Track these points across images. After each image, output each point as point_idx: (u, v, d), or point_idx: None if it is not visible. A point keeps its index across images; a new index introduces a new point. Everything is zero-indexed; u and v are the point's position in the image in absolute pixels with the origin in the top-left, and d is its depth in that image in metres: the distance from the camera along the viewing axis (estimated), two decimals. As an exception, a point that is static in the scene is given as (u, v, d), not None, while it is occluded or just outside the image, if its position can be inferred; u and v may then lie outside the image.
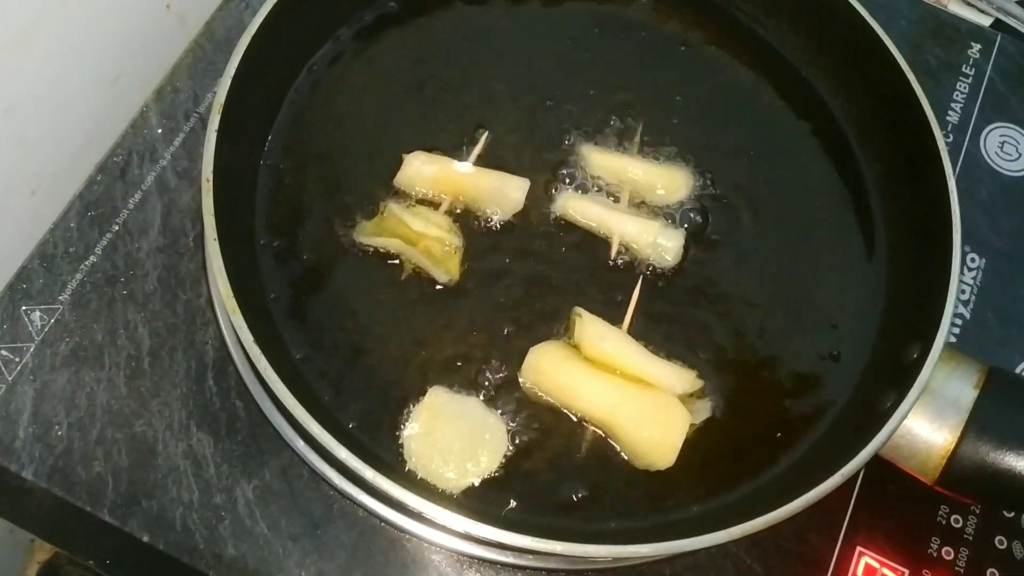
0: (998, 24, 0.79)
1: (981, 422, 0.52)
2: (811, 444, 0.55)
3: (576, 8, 0.69)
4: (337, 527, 0.54)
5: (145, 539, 0.53)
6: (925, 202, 0.59)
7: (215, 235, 0.50)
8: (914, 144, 0.59)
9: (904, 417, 0.51)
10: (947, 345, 0.56)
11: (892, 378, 0.54)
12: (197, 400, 0.56)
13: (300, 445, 0.54)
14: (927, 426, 0.52)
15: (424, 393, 0.54)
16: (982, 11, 0.83)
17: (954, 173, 0.67)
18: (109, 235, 0.60)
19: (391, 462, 0.52)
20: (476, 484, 0.52)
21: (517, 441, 0.54)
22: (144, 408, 0.56)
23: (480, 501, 0.52)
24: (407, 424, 0.53)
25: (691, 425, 0.54)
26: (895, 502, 0.58)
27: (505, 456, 0.53)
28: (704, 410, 0.55)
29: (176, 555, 0.53)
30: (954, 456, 0.52)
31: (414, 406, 0.53)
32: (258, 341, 0.49)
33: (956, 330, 0.63)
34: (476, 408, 0.53)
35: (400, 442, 0.53)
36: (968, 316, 0.64)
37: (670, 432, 0.53)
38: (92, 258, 0.59)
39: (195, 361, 0.57)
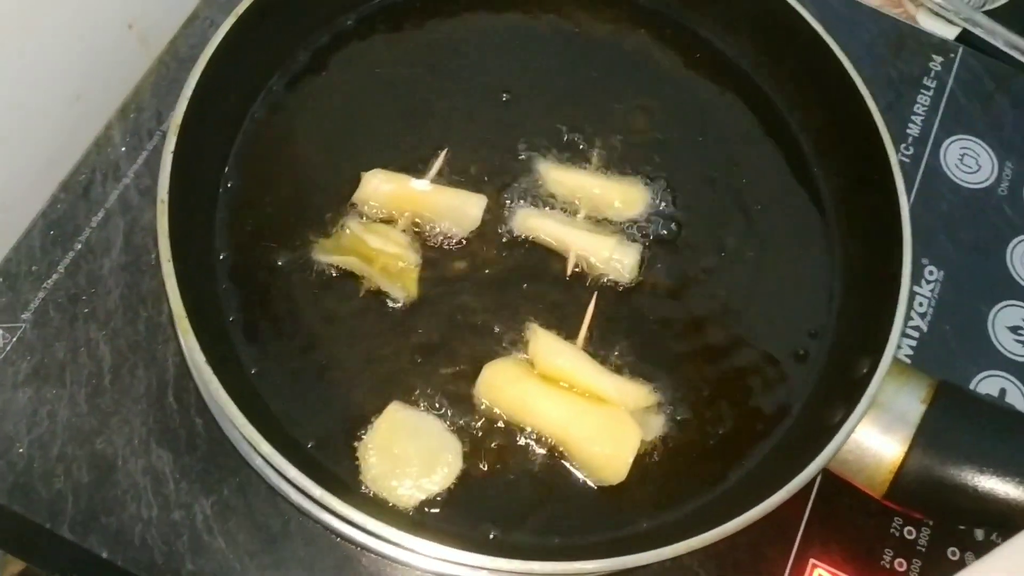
0: (963, 37, 0.80)
1: (928, 436, 0.53)
2: (762, 459, 0.56)
3: (537, 25, 0.69)
4: (294, 543, 0.55)
5: (104, 555, 0.53)
6: (879, 217, 0.59)
7: (169, 255, 0.51)
8: (868, 159, 0.60)
9: (851, 432, 0.52)
10: (897, 360, 0.57)
11: (843, 393, 0.55)
12: (157, 417, 0.57)
13: (258, 462, 0.55)
14: (875, 441, 0.53)
15: (381, 410, 0.54)
16: (950, 21, 0.83)
17: (914, 186, 0.69)
18: (72, 253, 0.60)
19: (346, 479, 0.53)
20: (430, 500, 0.53)
21: (472, 457, 0.54)
22: (105, 425, 0.56)
23: (434, 518, 0.52)
24: (363, 441, 0.54)
25: (643, 440, 0.54)
26: (849, 514, 0.59)
27: (459, 473, 0.53)
28: (657, 425, 0.55)
29: (135, 571, 0.53)
30: (901, 471, 0.52)
31: (371, 423, 0.54)
32: (211, 360, 0.49)
33: (913, 343, 0.64)
34: (432, 425, 0.54)
35: (356, 459, 0.53)
36: (925, 329, 0.65)
37: (621, 448, 0.53)
38: (55, 276, 0.60)
39: (156, 378, 0.58)
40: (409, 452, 0.53)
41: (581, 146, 0.64)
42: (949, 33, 0.81)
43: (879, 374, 0.53)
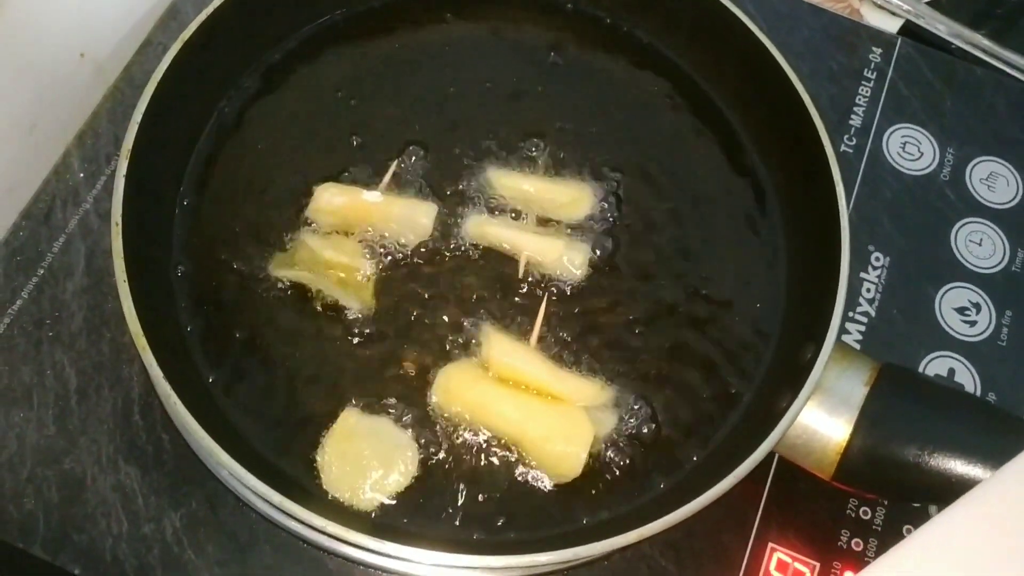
0: (906, 30, 0.81)
1: (872, 418, 0.54)
2: (714, 447, 0.58)
3: (479, 35, 0.71)
4: (262, 550, 0.56)
5: (76, 572, 0.55)
6: (819, 208, 0.61)
7: (124, 276, 0.52)
8: (806, 152, 0.62)
9: (796, 417, 0.53)
10: (842, 345, 0.58)
11: (789, 379, 0.56)
12: (124, 435, 0.58)
13: (224, 474, 0.56)
14: (822, 424, 0.54)
15: (337, 417, 0.56)
16: (893, 14, 0.85)
17: (858, 175, 0.70)
18: (35, 279, 0.62)
19: (307, 485, 0.54)
20: (388, 502, 0.54)
21: (429, 460, 0.56)
22: (73, 445, 0.57)
23: (393, 519, 0.54)
24: (320, 447, 0.55)
25: (597, 436, 0.56)
26: (805, 498, 0.60)
27: (416, 475, 0.55)
28: (610, 421, 0.57)
29: (107, 586, 0.55)
30: (847, 452, 0.54)
31: (328, 429, 0.56)
32: (170, 376, 0.51)
33: (862, 328, 0.66)
34: (387, 428, 0.55)
35: (315, 465, 0.55)
36: (873, 314, 0.66)
37: (575, 445, 0.55)
38: (19, 302, 0.61)
39: (121, 397, 0.59)
40: (365, 456, 0.54)
41: (527, 151, 0.66)
42: (893, 26, 0.83)
43: (822, 359, 0.54)
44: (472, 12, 0.71)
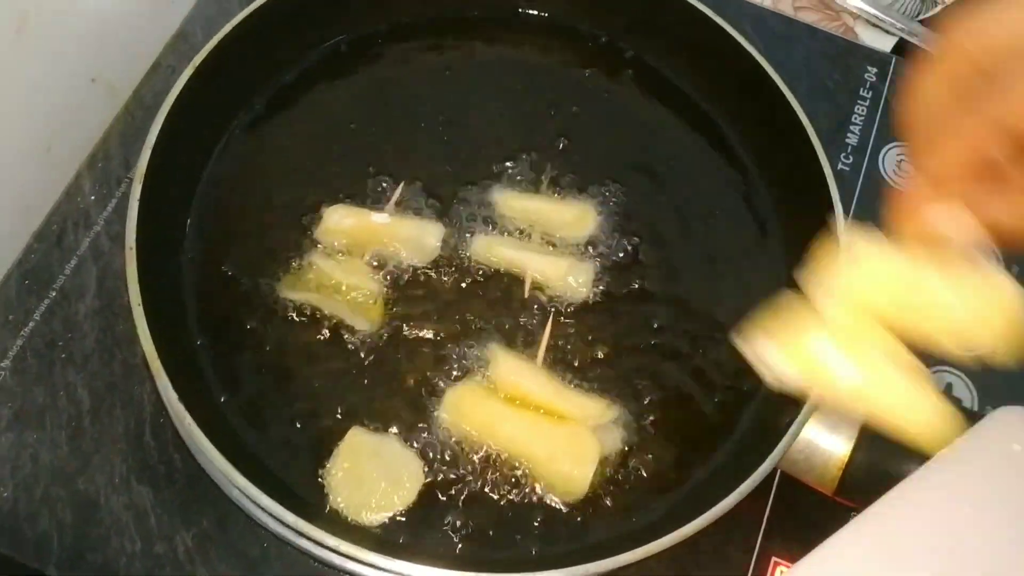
0: (899, 48, 0.83)
1: (872, 433, 0.55)
2: (718, 465, 0.59)
3: (479, 58, 0.73)
4: (273, 569, 0.57)
5: (90, 591, 0.56)
6: (817, 226, 0.62)
7: (139, 300, 0.53)
8: (804, 170, 0.63)
9: (798, 433, 0.54)
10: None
11: (791, 396, 0.57)
12: (136, 455, 0.59)
13: (235, 492, 0.57)
14: (823, 440, 0.55)
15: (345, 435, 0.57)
16: (887, 32, 0.87)
17: (855, 193, 0.71)
18: (47, 300, 0.62)
19: (315, 503, 0.55)
20: (394, 519, 0.55)
21: (436, 478, 0.56)
22: (86, 465, 0.58)
23: (400, 536, 0.55)
24: (328, 465, 0.56)
25: (602, 455, 0.57)
26: (808, 512, 0.61)
27: (422, 492, 0.56)
28: (616, 439, 0.58)
29: (120, 604, 0.55)
30: (848, 467, 0.55)
31: (336, 448, 0.56)
32: (184, 398, 0.52)
33: (861, 344, 0.67)
34: (394, 447, 0.56)
35: (322, 483, 0.56)
36: (872, 330, 0.67)
37: (581, 465, 0.56)
38: (32, 323, 0.62)
39: (133, 418, 0.60)
40: (371, 473, 0.55)
41: (532, 172, 0.67)
42: (886, 44, 0.84)
43: (823, 377, 0.55)
44: (471, 37, 0.73)
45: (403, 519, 0.55)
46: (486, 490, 0.56)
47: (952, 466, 0.46)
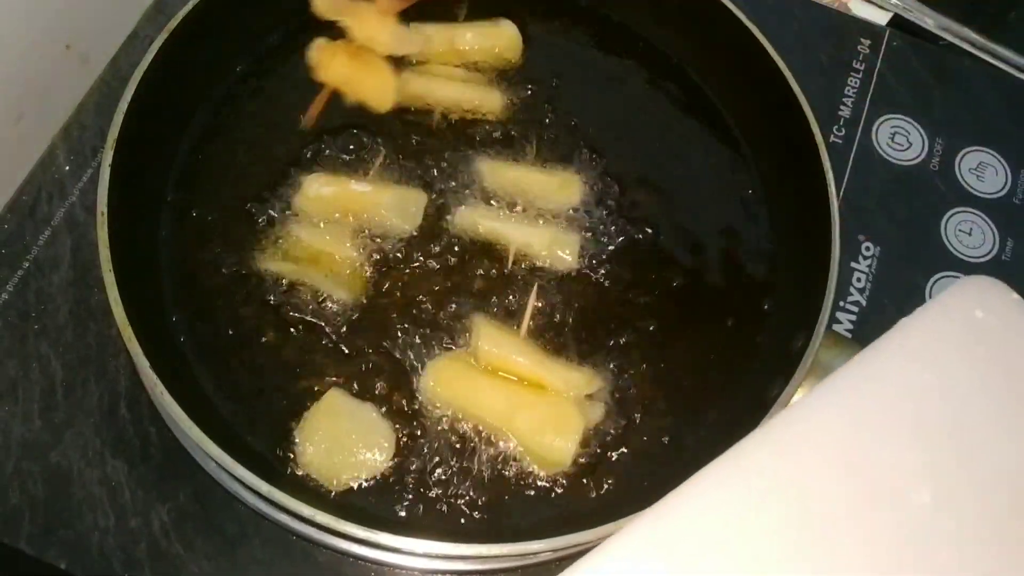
0: (895, 22, 0.82)
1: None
2: (707, 434, 0.57)
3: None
4: (252, 544, 0.56)
5: (63, 566, 0.54)
6: (809, 198, 0.61)
7: (110, 267, 0.52)
8: (796, 142, 0.62)
9: (787, 404, 0.53)
10: (832, 333, 0.58)
11: (781, 367, 0.56)
12: (111, 428, 0.57)
13: (212, 465, 0.56)
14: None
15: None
16: (881, 7, 0.86)
17: (848, 166, 0.70)
18: (20, 272, 0.61)
19: (291, 473, 0.54)
20: (374, 490, 0.54)
21: (417, 449, 0.55)
22: (59, 439, 0.57)
23: (380, 508, 0.53)
24: (300, 425, 0.55)
25: (586, 426, 0.56)
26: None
27: (401, 463, 0.54)
28: (600, 410, 0.57)
29: (94, 580, 0.54)
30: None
31: (313, 406, 0.55)
32: (156, 367, 0.50)
33: (852, 317, 0.66)
34: (370, 414, 0.55)
35: (295, 447, 0.54)
36: (864, 303, 0.66)
37: (564, 436, 0.55)
38: (4, 296, 0.60)
39: (108, 391, 0.58)
40: (343, 437, 0.54)
41: (517, 141, 0.66)
42: (881, 19, 0.83)
43: (813, 347, 0.54)
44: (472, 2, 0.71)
45: (382, 490, 0.54)
46: (467, 461, 0.55)
47: (917, 332, 0.48)
